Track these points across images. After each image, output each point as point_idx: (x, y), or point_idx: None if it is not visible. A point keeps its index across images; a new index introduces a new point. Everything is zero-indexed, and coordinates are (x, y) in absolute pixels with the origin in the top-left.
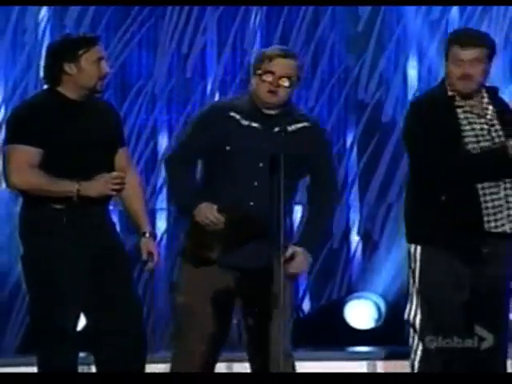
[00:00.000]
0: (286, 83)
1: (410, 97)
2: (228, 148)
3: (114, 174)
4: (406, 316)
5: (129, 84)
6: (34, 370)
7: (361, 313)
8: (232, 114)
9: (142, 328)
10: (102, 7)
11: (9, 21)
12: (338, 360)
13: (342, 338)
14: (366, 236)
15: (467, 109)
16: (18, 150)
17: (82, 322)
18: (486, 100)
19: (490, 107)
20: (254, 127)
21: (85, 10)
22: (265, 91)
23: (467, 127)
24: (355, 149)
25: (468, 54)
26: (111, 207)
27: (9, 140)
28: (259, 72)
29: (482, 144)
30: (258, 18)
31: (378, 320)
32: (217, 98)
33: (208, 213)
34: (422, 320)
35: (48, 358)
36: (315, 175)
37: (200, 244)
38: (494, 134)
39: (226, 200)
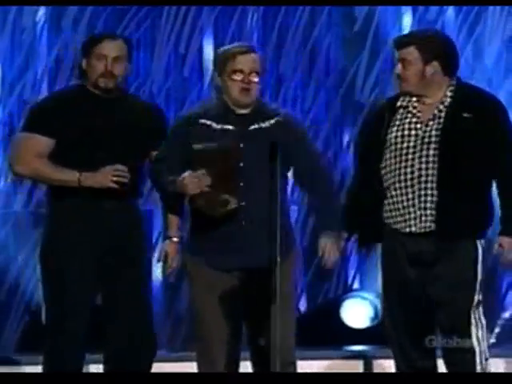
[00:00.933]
0: (256, 78)
1: None
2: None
3: (117, 166)
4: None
5: (126, 83)
6: (33, 368)
7: (357, 312)
8: (202, 120)
9: (151, 329)
10: (99, 7)
11: (6, 20)
12: (334, 359)
13: (339, 336)
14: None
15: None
16: (27, 138)
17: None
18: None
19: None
20: (228, 129)
21: (82, 10)
22: (237, 90)
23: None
24: (352, 149)
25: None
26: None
27: (22, 128)
28: (227, 73)
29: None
30: (255, 18)
31: (374, 319)
32: None
33: (191, 176)
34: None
35: (56, 355)
36: (298, 164)
37: (210, 204)
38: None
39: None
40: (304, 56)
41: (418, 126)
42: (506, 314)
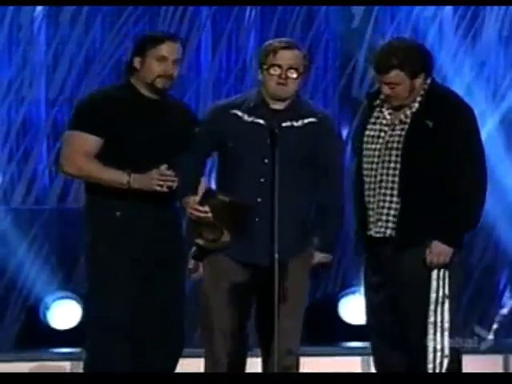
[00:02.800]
0: (294, 75)
1: None
2: (231, 145)
3: (164, 170)
4: None
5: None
6: (31, 365)
7: (355, 308)
8: (234, 111)
9: (182, 335)
10: (96, 5)
11: (4, 17)
12: (332, 355)
13: (336, 333)
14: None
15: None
16: (76, 137)
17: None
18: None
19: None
20: (258, 123)
21: (79, 8)
22: (274, 84)
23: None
24: (349, 145)
25: None
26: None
27: (71, 126)
28: (266, 66)
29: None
30: (253, 16)
31: None
32: (211, 95)
33: (191, 207)
34: None
35: (101, 352)
36: (321, 172)
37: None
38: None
39: (208, 190)
40: None
41: (386, 128)
42: (504, 311)
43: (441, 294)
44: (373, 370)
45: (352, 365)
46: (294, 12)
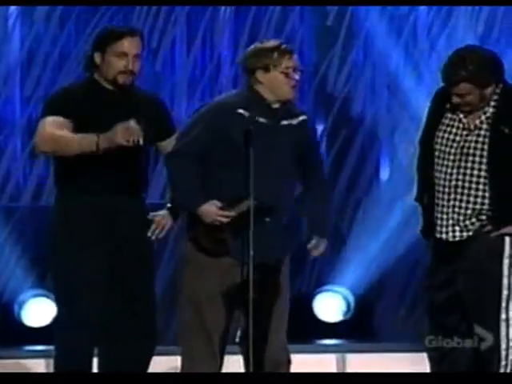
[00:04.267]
0: (299, 77)
1: (378, 91)
2: (239, 144)
3: (129, 124)
4: None
5: None
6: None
7: (329, 306)
8: (241, 111)
9: (154, 327)
10: (71, 5)
11: None
12: (307, 353)
13: (311, 331)
14: (334, 229)
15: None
16: (47, 119)
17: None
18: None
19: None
20: (263, 123)
21: (54, 7)
22: (289, 87)
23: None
24: (324, 143)
25: None
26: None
27: (41, 115)
28: (282, 68)
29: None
30: (227, 14)
31: (346, 313)
32: (186, 92)
33: (213, 213)
34: None
35: (67, 347)
36: (312, 164)
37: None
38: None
39: (238, 195)
40: None
41: (461, 132)
42: None
43: None
44: (348, 368)
45: (326, 363)
46: (269, 10)
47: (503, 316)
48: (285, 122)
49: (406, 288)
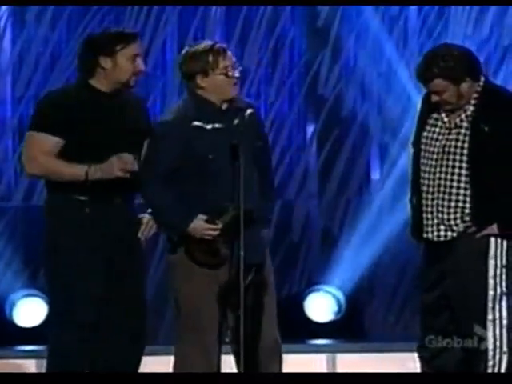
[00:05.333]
0: (238, 74)
1: (367, 92)
2: (211, 157)
3: (123, 154)
4: None
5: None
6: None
7: (320, 306)
8: (195, 123)
9: (144, 330)
10: (62, 5)
11: None
12: (297, 353)
13: (302, 330)
14: (325, 229)
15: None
16: (35, 138)
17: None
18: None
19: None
20: (218, 128)
21: (45, 8)
22: (231, 86)
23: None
24: (315, 143)
25: None
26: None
27: (31, 127)
28: (220, 69)
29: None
30: (218, 14)
31: (337, 313)
32: (177, 94)
33: (202, 229)
34: None
35: (61, 346)
36: (259, 159)
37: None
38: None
39: (213, 205)
40: (267, 51)
41: (443, 131)
42: None
43: (498, 291)
44: (338, 368)
45: (317, 363)
46: (260, 10)
47: (490, 317)
48: (236, 121)
49: (397, 288)
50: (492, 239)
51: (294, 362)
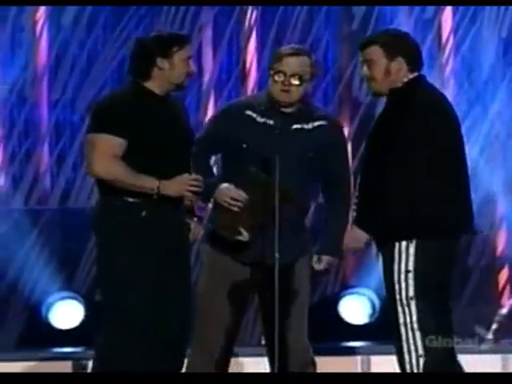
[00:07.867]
0: (297, 81)
1: None
2: (244, 146)
3: (193, 176)
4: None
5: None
6: (33, 365)
7: (355, 308)
8: (248, 112)
9: (186, 336)
10: (98, 6)
11: (7, 19)
12: (332, 355)
13: (337, 332)
14: None
15: None
16: (102, 139)
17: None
18: None
19: None
20: (270, 125)
21: (82, 9)
22: (278, 90)
23: None
24: (349, 146)
25: None
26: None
27: (93, 129)
28: (272, 72)
29: None
30: (254, 16)
31: (372, 315)
32: (212, 96)
33: (228, 195)
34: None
35: (112, 346)
36: (329, 176)
37: (228, 226)
38: None
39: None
40: None
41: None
42: (503, 311)
43: (404, 295)
44: (373, 370)
45: (351, 364)
46: (295, 13)
47: (401, 320)
48: (297, 126)
49: None
50: (396, 244)
51: (328, 364)
